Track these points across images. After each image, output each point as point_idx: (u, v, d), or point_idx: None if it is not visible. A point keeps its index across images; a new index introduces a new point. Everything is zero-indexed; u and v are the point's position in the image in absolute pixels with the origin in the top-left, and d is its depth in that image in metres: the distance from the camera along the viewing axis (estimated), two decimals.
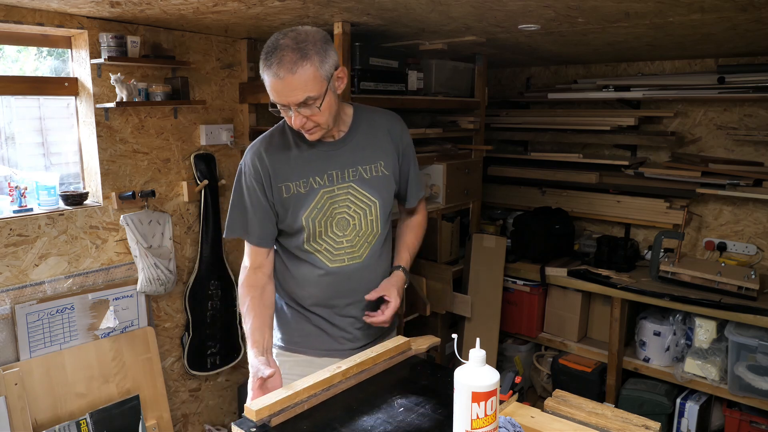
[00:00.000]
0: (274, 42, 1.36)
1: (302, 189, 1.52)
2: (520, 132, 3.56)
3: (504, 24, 2.14)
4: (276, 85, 1.37)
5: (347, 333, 1.63)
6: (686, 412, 2.71)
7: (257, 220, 1.54)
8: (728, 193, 2.78)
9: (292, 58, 1.34)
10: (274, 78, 1.36)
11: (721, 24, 2.00)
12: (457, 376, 1.09)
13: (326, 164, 1.54)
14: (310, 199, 1.52)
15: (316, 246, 1.56)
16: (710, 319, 2.65)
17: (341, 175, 1.55)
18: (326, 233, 1.55)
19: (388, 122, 1.65)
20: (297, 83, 1.35)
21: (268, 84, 1.38)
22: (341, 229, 1.56)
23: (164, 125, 2.49)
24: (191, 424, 2.76)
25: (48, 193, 2.21)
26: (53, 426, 2.14)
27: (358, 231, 1.57)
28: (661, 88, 2.96)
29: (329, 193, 1.53)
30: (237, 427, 1.21)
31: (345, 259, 1.58)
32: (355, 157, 1.57)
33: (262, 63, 1.38)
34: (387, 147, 1.62)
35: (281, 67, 1.34)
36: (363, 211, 1.57)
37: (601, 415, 1.26)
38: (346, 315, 1.62)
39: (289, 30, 1.39)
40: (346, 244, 1.57)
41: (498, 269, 3.08)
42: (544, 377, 3.24)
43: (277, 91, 1.38)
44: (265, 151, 1.54)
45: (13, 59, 2.28)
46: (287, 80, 1.35)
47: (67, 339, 2.24)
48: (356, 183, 1.56)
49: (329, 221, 1.54)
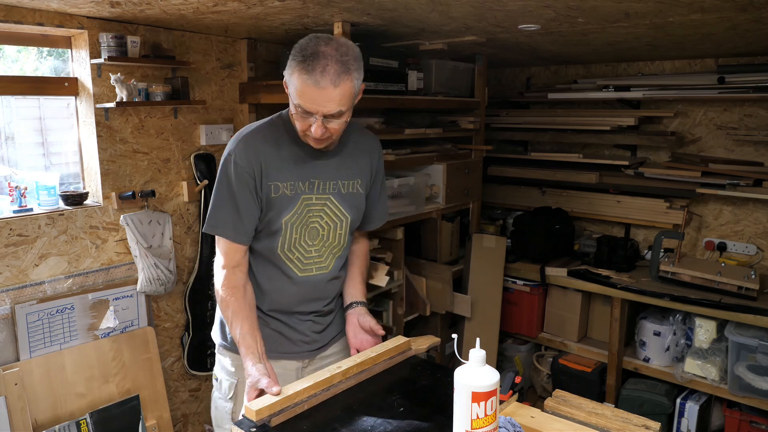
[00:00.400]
0: (314, 47, 1.33)
1: (288, 191, 1.50)
2: (520, 132, 3.56)
3: (504, 24, 2.14)
4: (312, 92, 1.33)
5: (305, 336, 1.63)
6: (686, 412, 2.71)
7: (245, 217, 1.49)
8: (728, 193, 2.78)
9: (336, 70, 1.32)
10: (314, 85, 1.32)
11: (721, 24, 2.00)
12: (457, 376, 1.09)
13: (312, 172, 1.53)
14: (293, 204, 1.51)
15: (288, 254, 1.54)
16: (710, 319, 2.65)
17: (323, 186, 1.54)
18: (300, 241, 1.54)
19: (371, 145, 1.67)
20: (335, 96, 1.34)
21: (301, 88, 1.34)
22: (312, 238, 1.55)
23: (164, 125, 2.49)
24: (191, 424, 2.76)
25: (48, 193, 2.21)
26: (53, 426, 2.14)
27: (325, 242, 1.57)
28: (661, 88, 2.96)
29: (308, 200, 1.53)
30: (237, 427, 1.21)
31: (313, 269, 1.58)
32: (338, 171, 1.57)
33: (299, 65, 1.33)
34: (365, 168, 1.63)
35: (324, 77, 1.31)
36: (334, 224, 1.57)
37: (601, 415, 1.26)
38: (305, 320, 1.62)
39: (326, 37, 1.36)
40: (314, 254, 1.57)
41: (498, 269, 3.08)
42: (544, 377, 3.24)
43: (311, 99, 1.34)
44: (259, 143, 1.49)
45: (13, 59, 2.28)
46: (327, 91, 1.33)
47: (67, 339, 2.24)
48: (335, 197, 1.56)
49: (304, 229, 1.53)
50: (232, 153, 1.48)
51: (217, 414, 1.65)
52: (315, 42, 1.35)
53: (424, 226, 3.01)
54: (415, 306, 2.87)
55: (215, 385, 1.66)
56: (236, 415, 1.59)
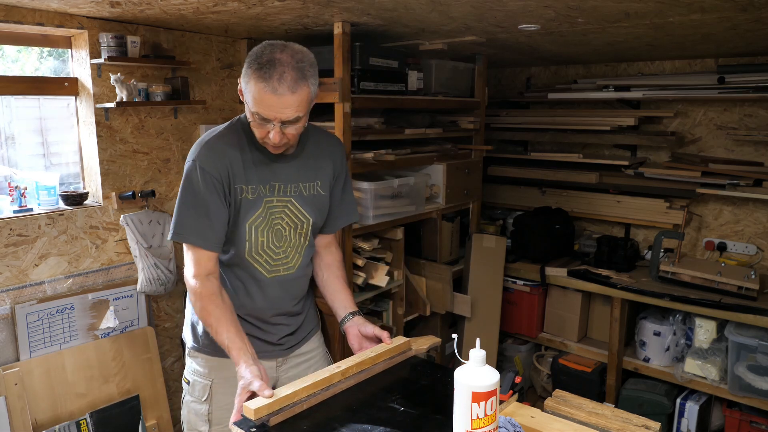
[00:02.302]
0: (270, 55, 1.34)
1: (250, 195, 1.50)
2: (520, 132, 3.56)
3: (504, 24, 2.14)
4: (270, 100, 1.34)
5: (275, 335, 1.63)
6: (686, 412, 2.71)
7: (215, 223, 1.46)
8: (728, 193, 2.78)
9: (293, 77, 1.34)
10: (271, 93, 1.33)
11: (721, 24, 2.00)
12: (457, 376, 1.09)
13: (272, 175, 1.53)
14: (256, 207, 1.51)
15: (257, 257, 1.54)
16: (710, 319, 2.65)
17: (283, 189, 1.55)
18: (267, 244, 1.54)
19: (332, 146, 1.67)
20: (293, 102, 1.35)
21: (259, 96, 1.35)
22: (278, 239, 1.56)
23: (164, 125, 2.49)
24: None
25: (48, 193, 2.22)
26: (53, 426, 2.14)
27: (289, 243, 1.58)
28: (661, 88, 2.96)
29: (269, 203, 1.53)
30: (237, 426, 1.21)
31: (281, 269, 1.58)
32: (298, 173, 1.57)
33: (254, 73, 1.34)
34: (326, 170, 1.63)
35: (282, 84, 1.32)
36: (295, 225, 1.58)
37: (601, 415, 1.26)
38: (276, 323, 1.62)
39: (281, 44, 1.37)
40: (282, 255, 1.57)
41: (498, 269, 3.08)
42: (544, 377, 3.24)
43: (268, 106, 1.35)
44: (224, 148, 1.48)
45: (13, 59, 2.28)
46: (285, 98, 1.34)
47: (67, 339, 2.24)
48: (296, 199, 1.57)
49: (270, 231, 1.54)
50: (196, 159, 1.46)
51: (190, 417, 1.63)
52: (270, 49, 1.35)
53: (424, 226, 3.01)
54: (415, 306, 2.87)
55: (186, 389, 1.65)
56: (213, 416, 1.59)
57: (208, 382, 1.60)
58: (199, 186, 1.45)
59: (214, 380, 1.60)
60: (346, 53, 2.22)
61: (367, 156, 2.37)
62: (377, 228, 2.51)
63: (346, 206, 1.73)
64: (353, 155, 2.33)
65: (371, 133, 2.45)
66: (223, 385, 1.58)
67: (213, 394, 1.59)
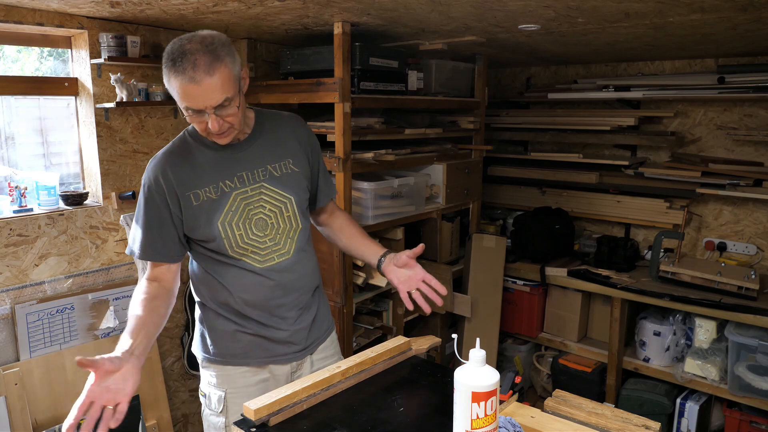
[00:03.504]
0: (179, 48, 1.33)
1: (213, 194, 1.49)
2: (520, 132, 3.56)
3: (504, 24, 2.14)
4: (192, 89, 1.33)
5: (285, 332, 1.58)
6: (686, 412, 2.71)
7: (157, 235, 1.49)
8: (728, 193, 2.78)
9: (206, 60, 1.32)
10: (189, 82, 1.32)
11: (721, 24, 2.00)
12: (457, 376, 1.09)
13: (234, 167, 1.51)
14: (223, 204, 1.49)
15: (241, 251, 1.51)
16: (710, 319, 2.65)
17: (251, 176, 1.53)
18: (248, 236, 1.51)
19: (292, 122, 1.65)
20: (215, 85, 1.34)
21: (181, 90, 1.34)
22: (260, 229, 1.53)
23: (164, 125, 2.49)
24: (191, 424, 2.76)
25: (48, 193, 2.21)
26: (53, 426, 2.14)
27: (277, 229, 1.55)
28: (661, 88, 2.96)
29: (242, 195, 1.51)
30: (237, 426, 1.21)
31: (274, 257, 1.55)
32: (263, 156, 1.55)
33: (169, 70, 1.33)
34: (293, 146, 1.61)
35: (197, 71, 1.31)
36: (278, 209, 1.55)
37: (601, 415, 1.26)
38: (282, 316, 1.57)
39: (188, 36, 1.36)
40: (269, 242, 1.54)
41: (498, 269, 3.08)
42: (544, 377, 3.24)
43: (193, 96, 1.34)
44: (168, 162, 1.49)
45: (13, 59, 2.28)
46: (205, 84, 1.32)
47: (67, 339, 2.24)
48: (267, 182, 1.54)
49: (247, 223, 1.51)
50: (144, 178, 1.51)
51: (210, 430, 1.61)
52: (179, 43, 1.34)
53: (424, 226, 3.01)
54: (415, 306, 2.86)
55: (204, 402, 1.63)
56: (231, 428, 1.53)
57: (222, 393, 1.57)
58: (141, 204, 1.50)
59: (228, 390, 1.56)
60: (346, 53, 2.22)
61: (367, 156, 2.38)
62: (377, 228, 2.51)
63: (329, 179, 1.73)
64: (353, 155, 2.33)
65: (371, 133, 2.46)
66: (237, 395, 1.55)
67: (228, 405, 1.56)
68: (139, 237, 1.50)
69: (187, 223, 1.49)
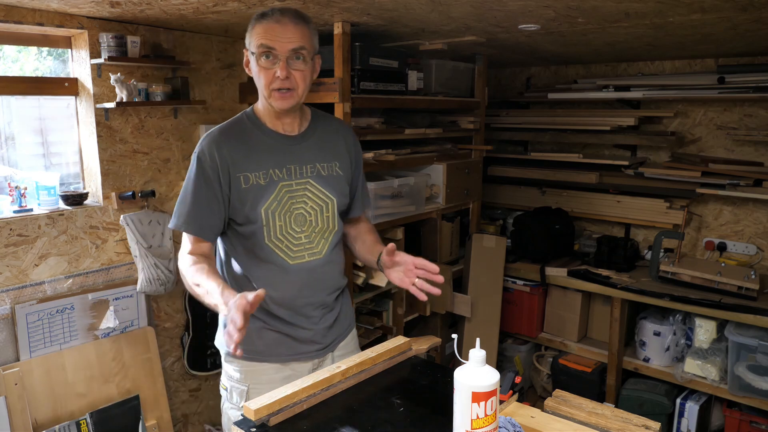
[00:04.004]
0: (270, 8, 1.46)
1: (262, 180, 1.51)
2: (520, 132, 3.56)
3: (504, 24, 2.14)
4: (276, 29, 1.41)
5: (309, 331, 1.59)
6: (686, 412, 2.71)
7: (205, 210, 1.50)
8: (728, 193, 2.78)
9: (294, 14, 1.45)
10: (275, 23, 1.41)
11: (721, 24, 2.00)
12: (457, 376, 1.09)
13: (285, 158, 1.54)
14: (270, 191, 1.51)
15: (276, 242, 1.52)
16: (710, 319, 2.65)
17: (300, 171, 1.55)
18: (286, 229, 1.53)
19: (344, 130, 1.70)
20: (297, 31, 1.43)
21: (264, 29, 1.42)
22: (299, 224, 1.54)
23: (164, 125, 2.49)
24: (191, 424, 2.76)
25: (48, 193, 2.21)
26: (53, 426, 2.14)
27: (314, 227, 1.57)
28: (661, 88, 2.96)
29: (288, 187, 1.53)
30: (237, 426, 1.21)
31: (305, 255, 1.56)
32: (313, 154, 1.58)
33: (256, 20, 1.44)
34: (341, 151, 1.65)
35: (284, 15, 1.42)
36: (320, 207, 1.57)
37: (601, 415, 1.26)
38: (307, 315, 1.58)
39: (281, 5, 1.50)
40: (304, 239, 1.55)
41: (498, 269, 3.08)
42: (544, 377, 3.24)
43: (275, 34, 1.41)
44: (224, 139, 1.51)
45: (13, 59, 2.28)
46: (289, 27, 1.42)
47: (67, 339, 2.24)
48: (314, 179, 1.57)
49: (288, 216, 1.53)
50: (197, 152, 1.52)
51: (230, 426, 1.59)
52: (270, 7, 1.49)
53: (424, 226, 3.01)
54: (415, 306, 2.87)
55: (224, 395, 1.63)
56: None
57: (245, 388, 1.57)
58: (192, 176, 1.50)
59: (250, 386, 1.57)
60: (346, 53, 2.22)
61: (367, 156, 2.37)
62: (377, 228, 2.50)
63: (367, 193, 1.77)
64: None
65: (371, 133, 2.46)
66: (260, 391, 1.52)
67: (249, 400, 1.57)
68: (186, 210, 1.50)
69: (233, 203, 1.50)
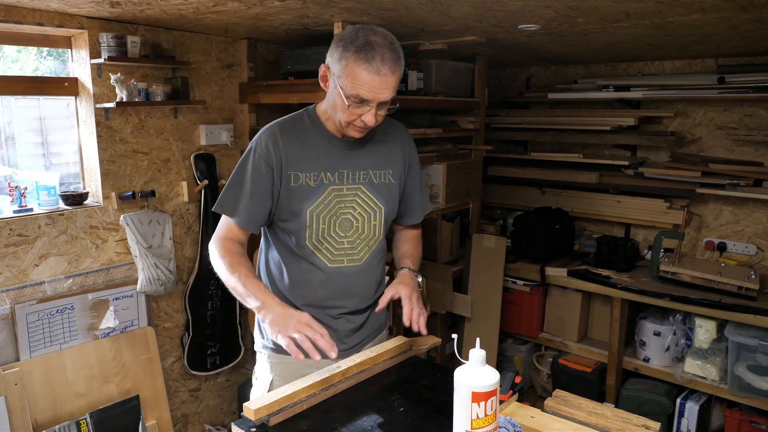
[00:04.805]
0: (364, 38, 1.37)
1: (312, 182, 1.51)
2: (520, 132, 3.56)
3: (504, 24, 2.14)
4: (374, 80, 1.36)
5: (338, 332, 1.58)
6: (686, 412, 2.71)
7: (251, 201, 1.50)
8: (728, 193, 2.78)
9: (392, 57, 1.38)
10: (374, 74, 1.36)
11: (721, 24, 2.00)
12: (457, 376, 1.09)
13: (339, 162, 1.53)
14: (318, 194, 1.51)
15: (317, 244, 1.52)
16: (710, 319, 2.65)
17: (352, 176, 1.54)
18: (329, 231, 1.53)
19: (401, 134, 1.68)
20: (392, 82, 1.40)
21: (362, 78, 1.36)
22: (344, 229, 1.54)
23: (164, 125, 2.49)
24: (191, 424, 2.76)
25: (48, 193, 2.21)
26: (53, 426, 2.14)
27: (359, 234, 1.56)
28: (661, 88, 2.96)
29: (338, 191, 1.52)
30: (237, 426, 1.21)
31: (344, 260, 1.56)
32: (368, 161, 1.57)
33: (355, 55, 1.36)
34: (397, 157, 1.63)
35: (384, 65, 1.36)
36: (368, 215, 1.57)
37: (601, 415, 1.26)
38: (338, 316, 1.58)
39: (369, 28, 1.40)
40: (347, 245, 1.55)
41: (498, 269, 3.08)
42: (544, 377, 3.24)
43: (371, 87, 1.37)
44: (281, 134, 1.51)
45: (13, 59, 2.28)
46: (387, 79, 1.38)
47: (67, 339, 2.24)
48: (365, 186, 1.56)
49: (333, 220, 1.52)
50: (254, 142, 1.52)
51: None
52: (363, 33, 1.38)
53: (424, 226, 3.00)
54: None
55: (255, 384, 1.66)
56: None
57: (270, 378, 1.60)
58: (248, 165, 1.50)
59: (275, 378, 1.59)
60: None
61: None
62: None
63: (419, 198, 1.74)
64: None
65: None
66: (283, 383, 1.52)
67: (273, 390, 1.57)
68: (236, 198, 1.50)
69: (281, 199, 1.51)
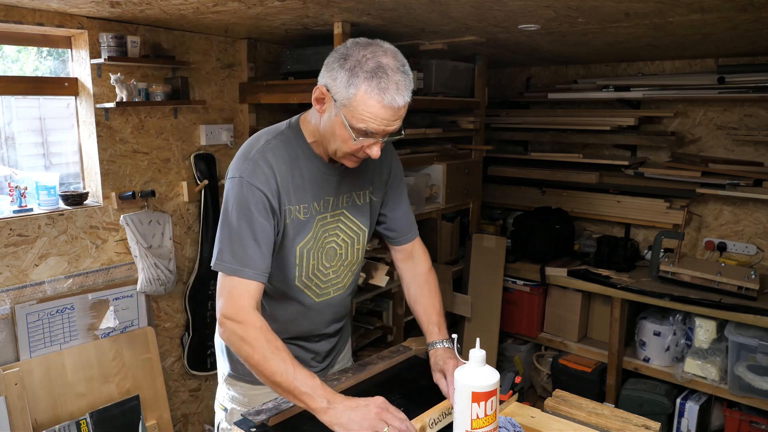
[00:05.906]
0: (375, 60, 1.16)
1: (301, 215, 1.33)
2: (520, 132, 3.56)
3: (504, 24, 2.14)
4: (387, 113, 1.18)
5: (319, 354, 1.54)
6: (686, 412, 2.71)
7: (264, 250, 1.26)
8: (728, 193, 2.78)
9: (405, 84, 1.18)
10: (389, 104, 1.16)
11: (721, 24, 2.00)
12: (457, 376, 1.09)
13: (325, 189, 1.37)
14: (308, 228, 1.34)
15: (306, 281, 1.39)
16: (710, 319, 2.65)
17: (335, 202, 1.39)
18: (318, 267, 1.40)
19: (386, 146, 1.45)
20: (404, 112, 1.22)
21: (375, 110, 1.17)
22: (329, 259, 1.41)
23: (164, 125, 2.49)
24: (191, 424, 2.76)
25: (48, 193, 2.21)
26: (53, 426, 2.14)
27: (343, 261, 1.44)
28: (661, 88, 2.96)
29: (322, 221, 1.37)
30: (237, 427, 1.21)
31: (331, 291, 1.45)
32: (353, 182, 1.41)
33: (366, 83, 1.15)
34: (377, 169, 1.47)
35: (399, 94, 1.17)
36: (351, 240, 1.44)
37: (601, 415, 1.26)
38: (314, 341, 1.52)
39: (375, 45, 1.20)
40: (332, 275, 1.44)
41: (498, 269, 3.08)
42: (544, 377, 3.24)
43: (383, 119, 1.18)
44: (276, 162, 1.28)
45: (13, 59, 2.28)
46: (401, 110, 1.19)
47: (67, 339, 2.24)
48: (348, 210, 1.42)
49: (321, 252, 1.39)
50: (243, 174, 1.26)
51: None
52: (372, 53, 1.18)
53: (423, 226, 3.01)
54: None
55: (222, 416, 1.52)
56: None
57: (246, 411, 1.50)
58: (252, 208, 1.25)
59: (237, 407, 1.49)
60: None
61: None
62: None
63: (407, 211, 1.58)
64: None
65: None
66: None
67: None
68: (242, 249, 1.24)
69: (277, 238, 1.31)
